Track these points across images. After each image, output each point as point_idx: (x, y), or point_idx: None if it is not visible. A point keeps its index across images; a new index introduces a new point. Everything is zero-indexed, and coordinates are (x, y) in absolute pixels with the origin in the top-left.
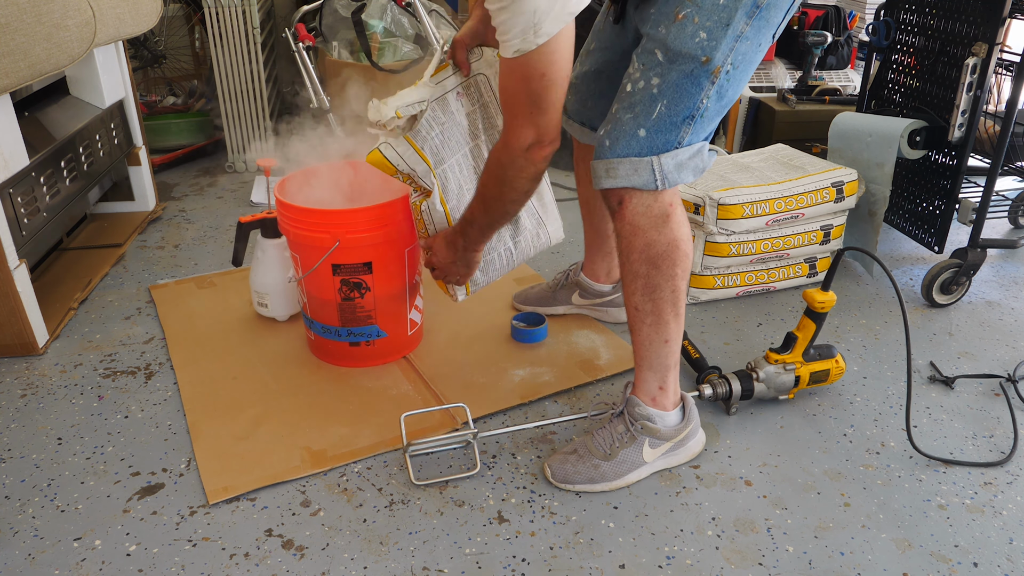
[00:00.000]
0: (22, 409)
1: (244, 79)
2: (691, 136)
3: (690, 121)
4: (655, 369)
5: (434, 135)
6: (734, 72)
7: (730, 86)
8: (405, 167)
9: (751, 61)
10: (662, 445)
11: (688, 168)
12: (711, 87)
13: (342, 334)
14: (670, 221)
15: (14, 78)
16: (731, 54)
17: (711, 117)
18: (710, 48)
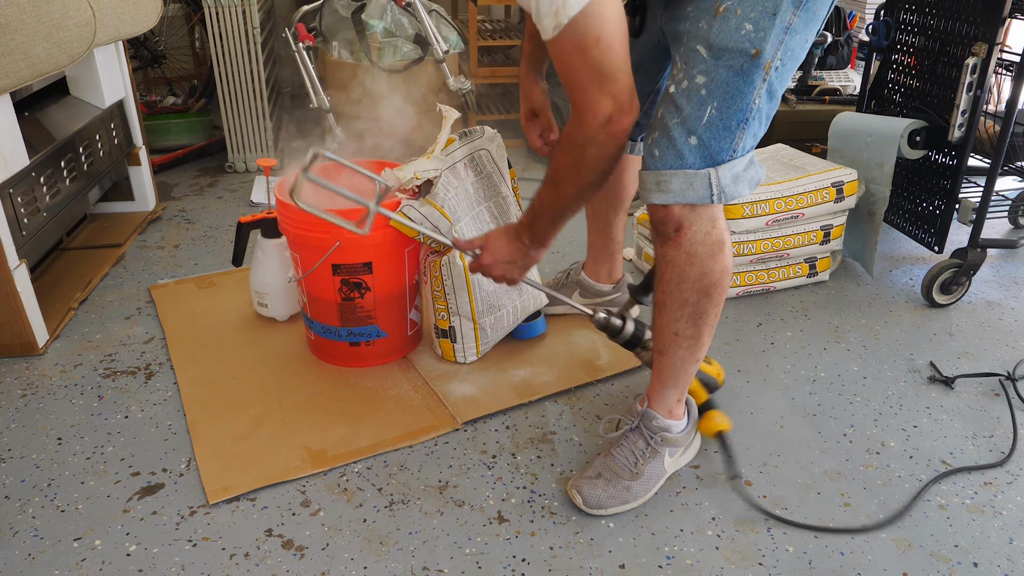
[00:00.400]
0: (22, 409)
1: (244, 79)
2: (745, 142)
3: (744, 125)
4: (678, 386)
5: (451, 196)
6: (783, 69)
7: (779, 84)
8: (429, 226)
9: (797, 58)
10: (678, 451)
11: (744, 181)
12: (763, 84)
13: (342, 334)
14: (724, 247)
15: (14, 78)
16: (780, 48)
17: (763, 120)
18: (758, 40)
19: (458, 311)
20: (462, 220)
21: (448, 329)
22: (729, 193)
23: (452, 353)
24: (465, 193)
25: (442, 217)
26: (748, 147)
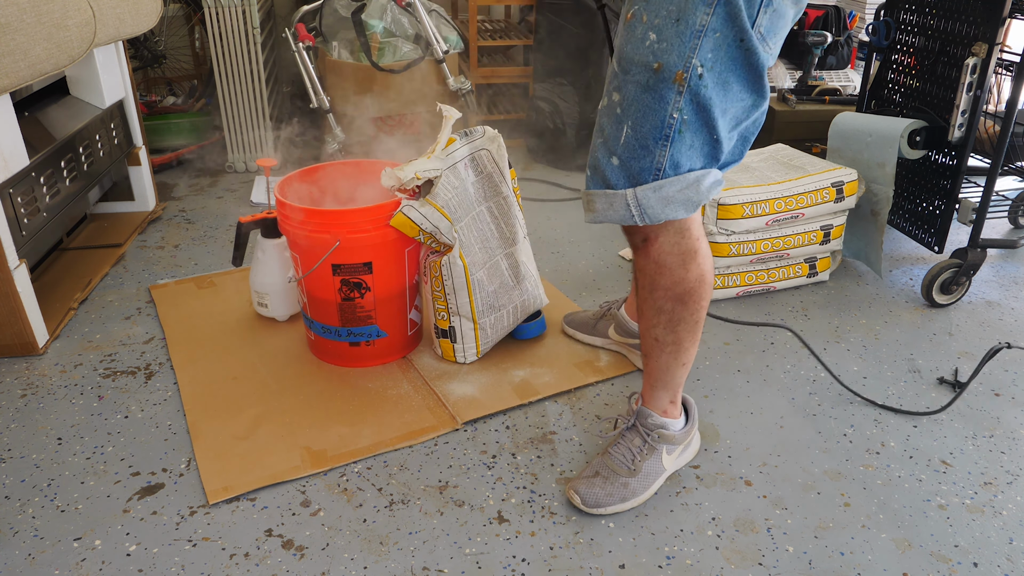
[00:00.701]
0: (22, 409)
1: (244, 79)
2: (672, 160)
3: (664, 141)
4: (669, 388)
5: (451, 196)
6: (710, 75)
7: (714, 92)
8: (429, 226)
9: (735, 59)
10: (676, 449)
11: (677, 202)
12: (679, 98)
13: (342, 334)
14: (697, 256)
15: (14, 78)
16: (695, 54)
17: (697, 134)
18: (661, 51)
19: (458, 311)
20: (462, 220)
21: (448, 329)
22: (652, 215)
23: (452, 353)
24: (465, 193)
25: (442, 217)
26: (684, 166)
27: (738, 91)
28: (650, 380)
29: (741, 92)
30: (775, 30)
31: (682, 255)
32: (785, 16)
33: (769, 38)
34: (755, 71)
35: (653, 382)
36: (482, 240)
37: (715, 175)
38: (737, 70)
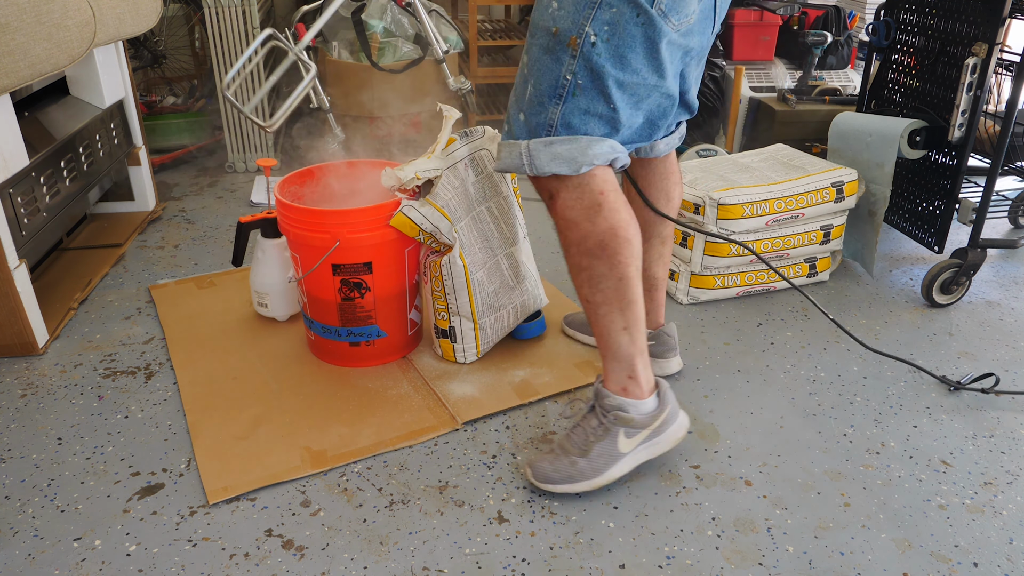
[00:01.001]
0: (22, 409)
1: (244, 79)
2: (564, 118)
3: (557, 100)
4: (620, 359)
5: (451, 196)
6: (605, 45)
7: (608, 61)
8: (429, 226)
9: (632, 35)
10: (639, 434)
11: (562, 159)
12: (572, 61)
13: (342, 334)
14: (602, 210)
15: (14, 78)
16: (588, 23)
17: (593, 100)
18: (560, 17)
19: (458, 311)
20: (462, 220)
21: (448, 329)
22: (539, 166)
23: (452, 353)
24: (465, 193)
25: (442, 217)
26: (581, 127)
27: (636, 66)
28: (601, 351)
29: (641, 68)
30: (678, 8)
31: (586, 209)
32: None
33: (672, 15)
34: (652, 47)
35: (604, 354)
36: (482, 240)
37: (611, 145)
38: (635, 46)
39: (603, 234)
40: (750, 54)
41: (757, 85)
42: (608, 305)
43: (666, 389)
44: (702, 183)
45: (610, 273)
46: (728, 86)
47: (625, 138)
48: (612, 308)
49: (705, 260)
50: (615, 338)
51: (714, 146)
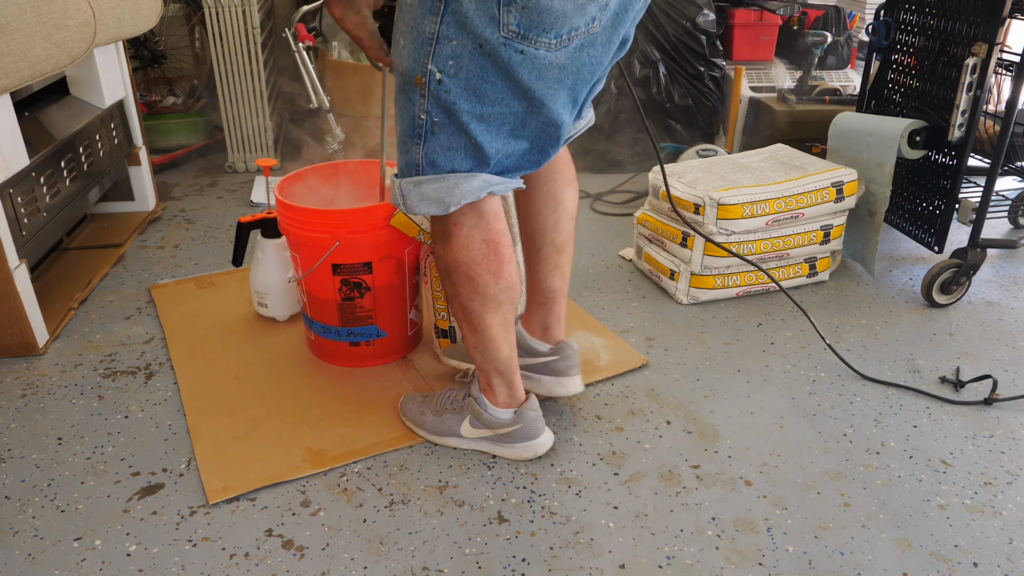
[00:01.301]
0: (22, 409)
1: (244, 79)
2: (428, 158)
3: (417, 140)
4: (479, 368)
5: None
6: (453, 81)
7: (459, 97)
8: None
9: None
10: (482, 429)
11: (430, 200)
12: (423, 100)
13: (342, 334)
14: (451, 241)
15: (14, 78)
16: (429, 61)
17: (454, 136)
18: (403, 56)
19: None
20: None
21: (449, 329)
22: (410, 205)
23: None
24: None
25: None
26: (445, 164)
27: (496, 97)
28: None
29: (503, 97)
30: (542, 25)
31: (441, 234)
32: (550, 10)
33: (536, 34)
34: (509, 76)
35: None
36: None
37: (483, 179)
38: (488, 77)
39: (450, 263)
40: (750, 54)
41: (757, 85)
42: (460, 320)
43: (531, 415)
44: (702, 183)
45: (455, 299)
46: (728, 86)
47: (504, 167)
48: (463, 325)
49: (705, 260)
50: (470, 350)
51: (714, 146)
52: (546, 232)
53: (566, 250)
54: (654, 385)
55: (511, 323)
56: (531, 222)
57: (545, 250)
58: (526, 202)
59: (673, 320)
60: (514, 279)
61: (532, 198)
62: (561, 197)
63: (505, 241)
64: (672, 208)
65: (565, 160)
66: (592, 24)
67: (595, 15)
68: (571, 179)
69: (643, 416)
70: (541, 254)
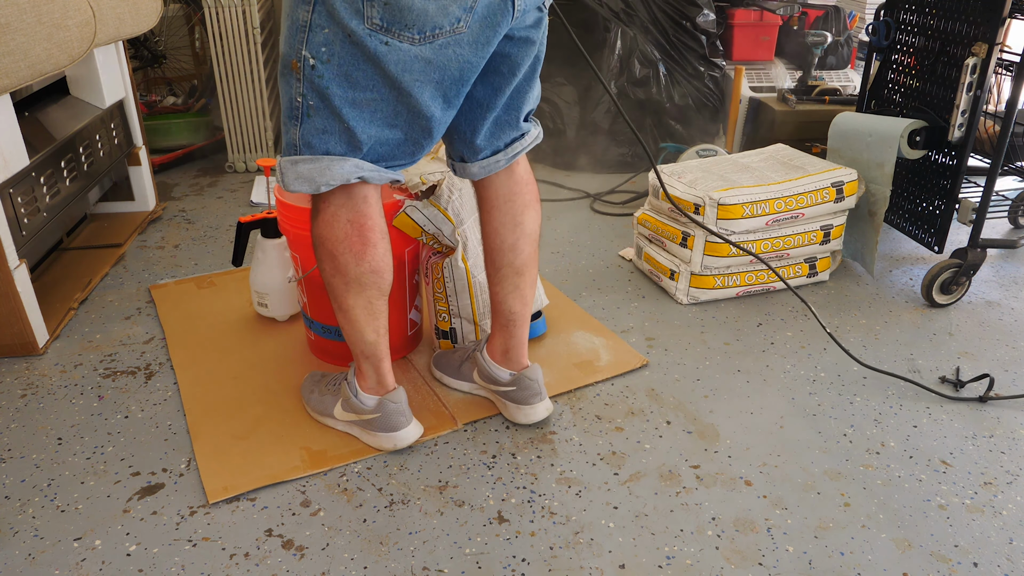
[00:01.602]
0: (22, 409)
1: (244, 79)
2: (304, 139)
3: (295, 121)
4: (351, 349)
5: (455, 199)
6: (326, 67)
7: (332, 83)
8: (432, 228)
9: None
10: (350, 414)
11: (304, 179)
12: (299, 84)
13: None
14: (318, 218)
15: (14, 78)
16: (304, 47)
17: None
18: (283, 42)
19: (459, 313)
20: (466, 222)
21: (449, 330)
22: (286, 183)
23: None
24: (469, 195)
25: (445, 220)
26: (320, 146)
27: (367, 84)
28: None
29: (373, 86)
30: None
31: (313, 207)
32: (412, 8)
33: (399, 28)
34: (377, 66)
35: None
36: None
37: (355, 163)
38: (359, 64)
39: (317, 238)
40: (750, 54)
41: (757, 85)
42: (329, 295)
43: (391, 407)
44: (702, 183)
45: (324, 273)
46: (728, 86)
47: (378, 155)
48: (332, 303)
49: (705, 260)
50: (342, 328)
51: (714, 146)
52: (504, 253)
53: (526, 272)
54: (654, 385)
55: (379, 310)
56: (491, 243)
57: (504, 271)
58: (486, 223)
59: (673, 320)
60: (379, 264)
61: (491, 219)
62: (520, 219)
63: (372, 225)
64: (672, 206)
65: (525, 182)
66: (457, 25)
67: (460, 16)
68: (531, 200)
69: (643, 416)
70: (500, 275)
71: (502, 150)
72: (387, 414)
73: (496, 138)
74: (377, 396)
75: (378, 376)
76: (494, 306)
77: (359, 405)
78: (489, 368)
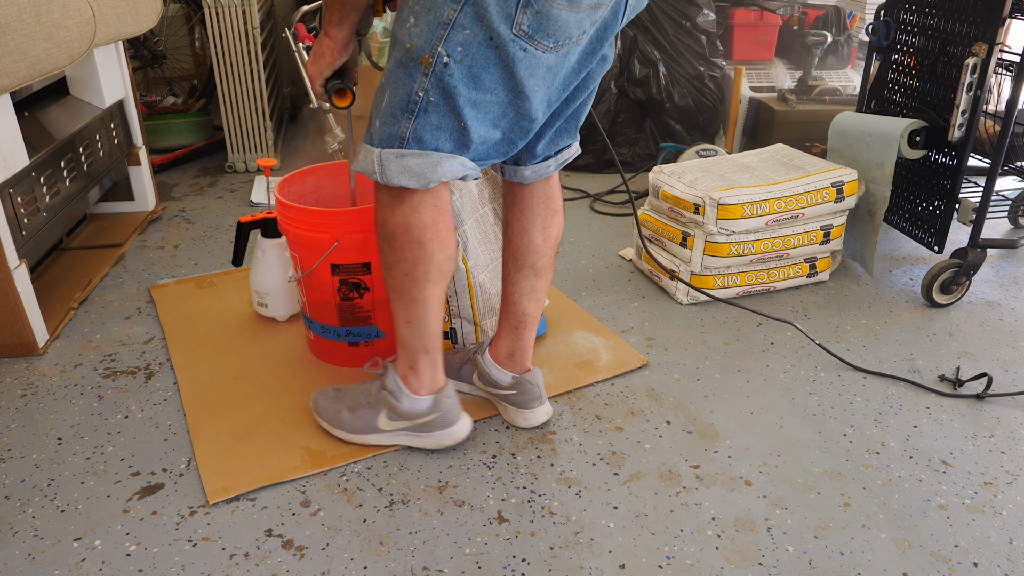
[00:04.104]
0: (22, 409)
1: (244, 79)
2: (416, 133)
3: (409, 115)
4: (404, 348)
5: (455, 199)
6: (458, 66)
7: (460, 82)
8: None
9: (486, 57)
10: (399, 421)
11: (411, 173)
12: (424, 79)
13: (341, 334)
14: (403, 204)
15: (14, 78)
16: (440, 44)
17: (445, 117)
18: (414, 34)
19: (459, 313)
20: (466, 222)
21: (449, 331)
22: (388, 176)
23: None
24: (470, 195)
25: None
26: (429, 143)
27: (491, 86)
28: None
29: (496, 87)
30: (547, 31)
31: (391, 197)
32: (558, 19)
33: (541, 36)
34: (508, 69)
35: (395, 338)
36: (485, 242)
37: (461, 162)
38: (489, 67)
39: (397, 226)
40: (750, 54)
41: (757, 85)
42: (396, 293)
43: (448, 402)
44: (702, 183)
45: (396, 266)
46: (728, 86)
47: (478, 155)
48: (398, 298)
49: (705, 260)
50: (400, 327)
51: (714, 146)
52: (529, 254)
53: (544, 276)
54: (654, 385)
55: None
56: (517, 242)
57: (525, 271)
58: (515, 221)
59: (673, 320)
60: (454, 252)
61: (522, 218)
62: (550, 222)
63: (452, 213)
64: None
65: (557, 189)
66: (581, 36)
67: (586, 29)
68: (560, 207)
69: (643, 416)
70: (521, 275)
71: (553, 156)
72: (445, 411)
73: (554, 144)
74: (432, 395)
75: (434, 371)
76: (507, 307)
77: (411, 410)
78: (490, 371)
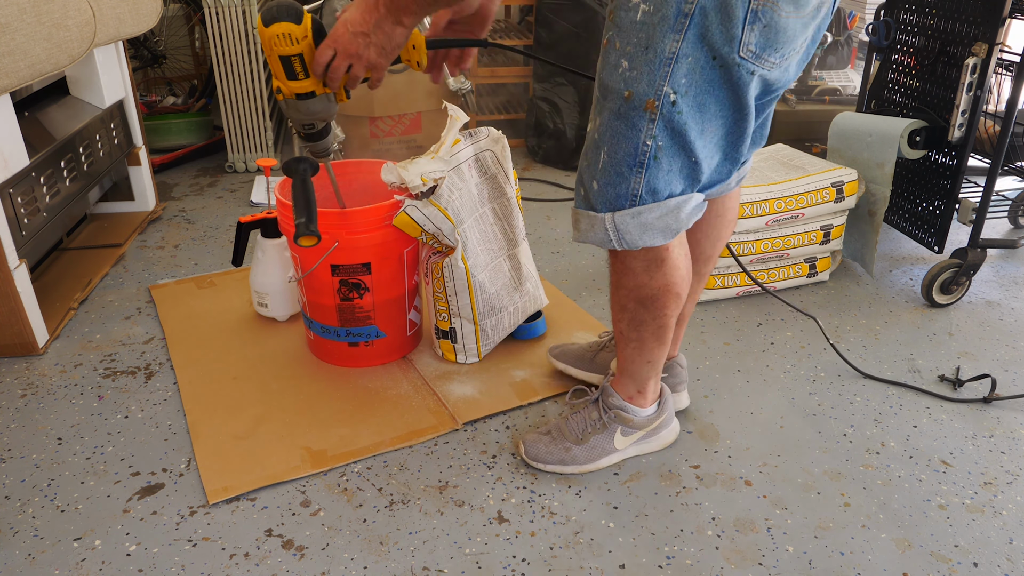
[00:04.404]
0: (22, 409)
1: (244, 79)
2: (649, 186)
3: (639, 169)
4: (636, 379)
5: (454, 198)
6: (685, 100)
7: (689, 117)
8: (432, 227)
9: (711, 81)
10: (634, 434)
11: (655, 229)
12: (652, 125)
13: (341, 334)
14: (664, 266)
15: (14, 78)
16: (666, 82)
17: (675, 159)
18: (633, 79)
19: (459, 313)
20: (465, 222)
21: (449, 330)
22: (630, 240)
23: (453, 354)
24: (469, 195)
25: (445, 219)
26: (663, 192)
27: (717, 110)
28: (619, 366)
29: (721, 111)
30: (775, 45)
31: (648, 262)
32: (785, 30)
33: (768, 53)
34: (735, 90)
35: (621, 369)
36: (485, 242)
37: (696, 200)
38: (715, 91)
39: (658, 289)
40: None
41: None
42: (640, 343)
43: (667, 397)
44: None
45: (652, 321)
46: None
47: (706, 184)
48: (642, 347)
49: None
50: (638, 366)
51: None
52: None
53: (705, 280)
54: None
55: None
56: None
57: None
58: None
59: None
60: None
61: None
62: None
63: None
64: None
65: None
66: (802, 44)
67: (805, 36)
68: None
69: None
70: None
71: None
72: (668, 409)
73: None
74: (654, 402)
75: (655, 387)
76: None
77: (645, 420)
78: None
